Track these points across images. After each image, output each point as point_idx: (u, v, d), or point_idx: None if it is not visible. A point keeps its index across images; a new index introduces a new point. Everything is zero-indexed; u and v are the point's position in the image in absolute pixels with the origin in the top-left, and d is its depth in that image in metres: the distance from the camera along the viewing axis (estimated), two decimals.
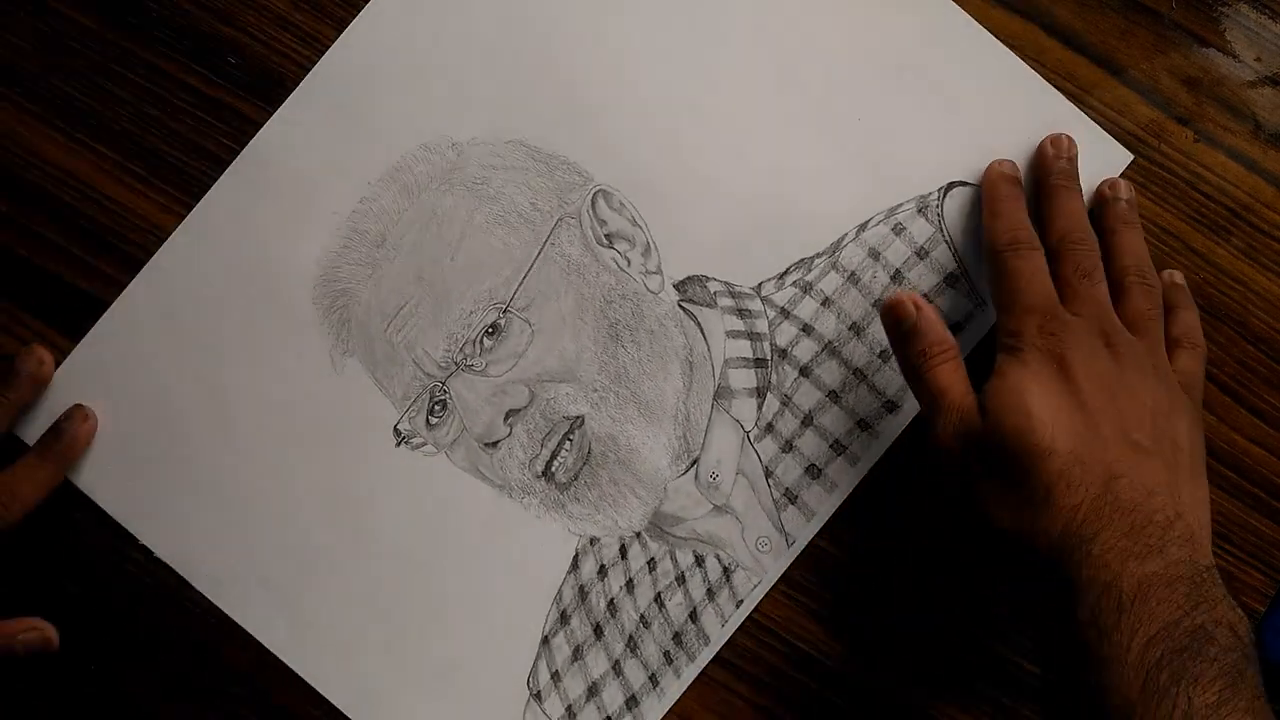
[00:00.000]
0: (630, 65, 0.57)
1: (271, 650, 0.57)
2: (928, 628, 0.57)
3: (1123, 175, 0.56)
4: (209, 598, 0.57)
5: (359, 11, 0.57)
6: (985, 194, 0.55)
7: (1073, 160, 0.55)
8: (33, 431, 0.57)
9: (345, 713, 0.57)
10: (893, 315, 0.52)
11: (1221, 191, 0.57)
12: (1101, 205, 0.55)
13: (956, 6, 0.56)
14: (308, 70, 0.57)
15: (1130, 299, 0.53)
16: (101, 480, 0.57)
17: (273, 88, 0.57)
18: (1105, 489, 0.47)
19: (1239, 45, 0.57)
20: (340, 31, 0.57)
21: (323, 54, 0.57)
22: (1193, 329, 0.54)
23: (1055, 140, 0.55)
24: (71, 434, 0.56)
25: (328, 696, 0.57)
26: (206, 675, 0.58)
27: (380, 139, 0.57)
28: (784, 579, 0.57)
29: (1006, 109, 0.56)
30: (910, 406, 0.56)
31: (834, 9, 0.56)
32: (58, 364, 0.57)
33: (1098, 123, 0.56)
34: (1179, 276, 0.56)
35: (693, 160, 0.56)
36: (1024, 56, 0.56)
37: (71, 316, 0.57)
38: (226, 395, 0.57)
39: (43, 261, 0.58)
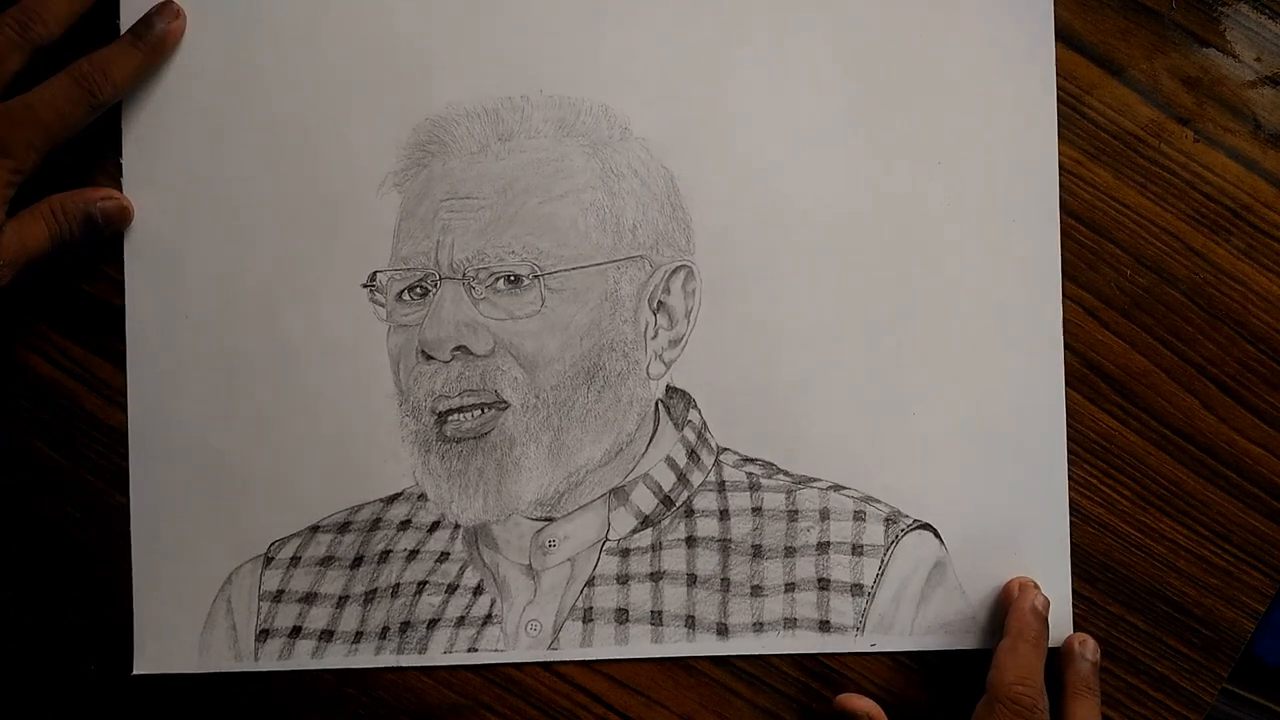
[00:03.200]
0: (800, 216, 0.57)
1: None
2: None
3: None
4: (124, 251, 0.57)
5: None
6: (1011, 622, 0.54)
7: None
8: None
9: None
10: (847, 715, 0.54)
11: (1221, 191, 0.57)
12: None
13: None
14: None
15: None
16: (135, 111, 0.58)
17: None
18: None
19: (1239, 45, 0.57)
20: None
21: None
22: None
23: (1083, 641, 0.55)
24: (163, 27, 0.56)
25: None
26: (207, 676, 0.58)
27: (581, 69, 0.57)
28: None
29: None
30: (738, 644, 0.56)
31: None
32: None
33: (1097, 123, 0.57)
34: None
35: (773, 326, 0.57)
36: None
37: None
38: (285, 137, 0.58)
39: None
